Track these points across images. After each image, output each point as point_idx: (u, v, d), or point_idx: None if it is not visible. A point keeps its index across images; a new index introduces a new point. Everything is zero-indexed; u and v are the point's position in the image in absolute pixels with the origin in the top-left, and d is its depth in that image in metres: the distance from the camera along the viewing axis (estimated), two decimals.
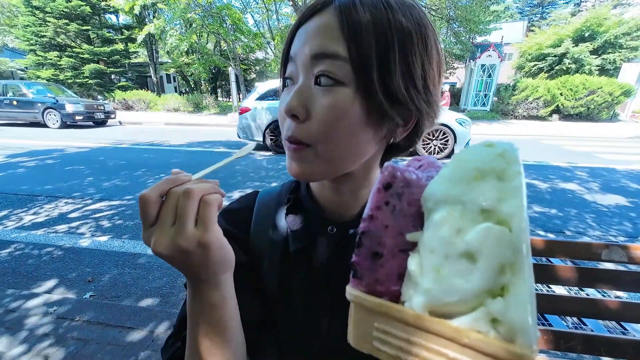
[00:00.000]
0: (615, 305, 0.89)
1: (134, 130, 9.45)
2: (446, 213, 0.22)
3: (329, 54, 0.34)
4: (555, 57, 14.04)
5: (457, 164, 0.22)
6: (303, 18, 0.37)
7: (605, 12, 13.75)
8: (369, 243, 0.23)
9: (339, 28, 0.33)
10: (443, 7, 11.10)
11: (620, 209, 3.51)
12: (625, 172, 5.09)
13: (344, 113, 0.35)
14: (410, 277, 0.23)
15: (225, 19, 12.46)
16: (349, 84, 0.34)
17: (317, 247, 0.46)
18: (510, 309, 0.19)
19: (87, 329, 1.66)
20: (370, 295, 0.23)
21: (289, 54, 0.39)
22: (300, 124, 0.36)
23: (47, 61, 15.93)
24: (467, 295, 0.21)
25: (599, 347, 0.85)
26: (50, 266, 2.34)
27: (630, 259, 0.83)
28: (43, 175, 4.61)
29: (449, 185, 0.22)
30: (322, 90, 0.35)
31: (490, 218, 0.20)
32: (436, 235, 0.22)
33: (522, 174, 0.20)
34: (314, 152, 0.37)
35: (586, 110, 12.10)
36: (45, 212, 3.32)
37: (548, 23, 22.32)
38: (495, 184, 0.20)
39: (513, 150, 0.20)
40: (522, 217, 0.19)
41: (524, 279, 0.19)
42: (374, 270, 0.23)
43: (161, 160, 5.64)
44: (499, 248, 0.20)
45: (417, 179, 0.23)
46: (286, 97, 0.38)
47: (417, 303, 0.22)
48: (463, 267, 0.21)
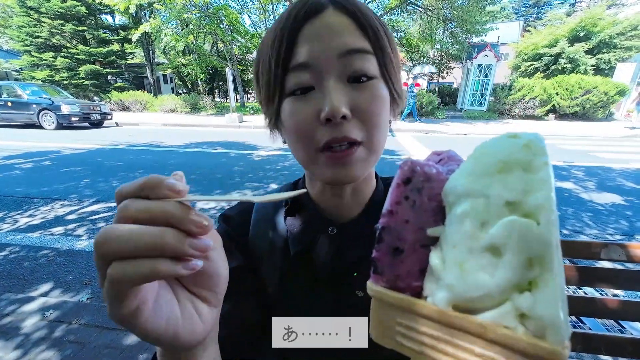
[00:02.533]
0: (614, 304, 0.89)
1: (130, 131, 9.38)
2: (469, 207, 0.21)
3: (359, 49, 0.36)
4: (551, 57, 14.15)
5: (480, 156, 0.21)
6: (304, 18, 0.36)
7: (600, 13, 13.89)
8: (389, 238, 0.23)
9: (356, 27, 0.36)
10: (439, 7, 11.15)
11: (616, 208, 3.54)
12: (621, 170, 5.14)
13: (385, 102, 0.38)
14: (432, 272, 0.22)
15: (222, 20, 12.41)
16: (377, 76, 0.37)
17: (317, 249, 0.45)
18: (539, 304, 0.19)
19: (84, 332, 1.64)
20: (392, 291, 0.23)
21: (292, 61, 0.36)
22: (347, 124, 0.36)
23: (42, 62, 15.78)
24: (493, 290, 0.20)
25: (599, 346, 0.85)
26: (46, 269, 2.31)
27: (629, 258, 0.83)
28: (39, 177, 4.56)
29: (472, 179, 0.21)
30: (360, 86, 0.36)
31: (516, 211, 0.20)
32: (459, 229, 0.21)
33: (550, 165, 0.19)
34: (364, 148, 0.38)
35: (582, 110, 12.20)
36: (41, 214, 3.28)
37: (544, 23, 22.52)
38: (520, 176, 0.20)
39: (539, 140, 0.20)
40: (551, 210, 0.19)
41: (553, 273, 0.19)
42: (394, 265, 0.23)
43: (159, 161, 5.60)
44: (526, 242, 0.19)
45: (437, 173, 0.22)
46: (305, 105, 0.36)
47: (440, 298, 0.21)
48: (488, 262, 0.21)
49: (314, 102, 0.36)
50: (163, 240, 0.19)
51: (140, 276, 0.19)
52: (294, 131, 0.38)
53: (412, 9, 11.77)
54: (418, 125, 10.15)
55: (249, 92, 19.13)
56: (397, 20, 12.95)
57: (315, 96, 0.36)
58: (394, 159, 5.73)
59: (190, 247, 0.20)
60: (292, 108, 0.37)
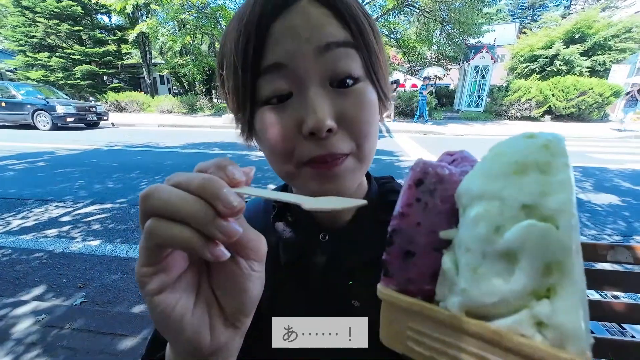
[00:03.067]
0: (620, 307, 0.89)
1: (127, 132, 9.32)
2: (483, 209, 0.20)
3: (340, 42, 0.31)
4: (546, 59, 14.27)
5: (495, 157, 0.21)
6: (273, 12, 0.31)
7: (595, 15, 14.04)
8: (400, 241, 0.22)
9: (334, 17, 0.32)
10: (436, 9, 11.21)
11: (613, 208, 3.56)
12: (617, 171, 5.18)
13: (374, 107, 0.35)
14: (445, 276, 0.21)
15: (220, 20, 12.39)
16: (363, 78, 0.34)
17: (309, 257, 0.43)
18: (558, 312, 0.18)
19: (77, 337, 1.61)
20: (403, 294, 0.22)
21: (263, 62, 0.31)
22: (333, 136, 0.32)
23: (37, 62, 15.64)
24: (509, 297, 0.19)
25: (607, 351, 0.84)
26: (39, 272, 2.27)
27: (636, 260, 0.82)
28: (32, 178, 4.50)
29: (486, 180, 0.20)
30: (345, 91, 0.33)
31: (533, 214, 0.19)
32: (472, 233, 0.20)
33: (570, 167, 0.18)
34: (354, 158, 0.35)
35: (577, 111, 12.31)
36: (35, 216, 3.24)
37: (539, 25, 22.74)
38: (538, 178, 0.19)
39: (559, 140, 0.19)
40: (571, 213, 0.18)
41: (573, 280, 0.18)
42: (405, 269, 0.22)
43: (155, 162, 5.56)
44: (544, 246, 0.18)
45: (450, 175, 0.22)
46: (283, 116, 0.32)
47: (453, 303, 0.21)
48: (503, 267, 0.20)
49: (294, 113, 0.32)
50: (191, 209, 0.19)
51: (168, 238, 0.20)
52: (272, 145, 0.34)
53: (410, 11, 11.83)
54: (415, 126, 10.17)
55: None
56: (395, 22, 12.99)
57: (294, 105, 0.32)
58: (392, 160, 5.73)
59: (216, 226, 0.19)
60: (268, 119, 0.33)
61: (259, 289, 0.25)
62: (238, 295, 0.24)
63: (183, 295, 0.23)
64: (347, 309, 0.40)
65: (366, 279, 0.33)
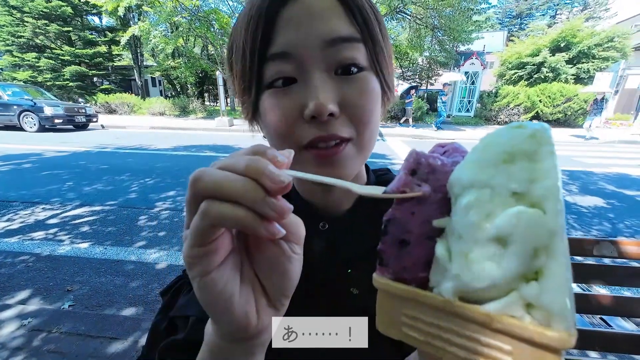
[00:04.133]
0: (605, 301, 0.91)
1: (117, 134, 9.17)
2: (474, 198, 0.21)
3: (347, 37, 0.32)
4: (534, 66, 14.65)
5: (484, 147, 0.21)
6: (274, 5, 0.32)
7: (579, 24, 14.50)
8: (394, 230, 0.22)
9: (343, 10, 0.32)
10: (428, 16, 11.43)
11: (599, 210, 3.66)
12: (602, 174, 5.34)
13: (376, 96, 0.35)
14: (438, 263, 0.22)
15: (213, 23, 12.36)
16: (369, 68, 0.34)
17: (310, 246, 0.43)
18: (546, 292, 0.19)
19: (65, 340, 1.57)
20: (398, 282, 0.23)
21: (270, 49, 0.32)
22: (335, 120, 0.33)
23: (24, 62, 15.31)
24: (499, 280, 0.20)
25: (593, 343, 0.86)
26: (24, 275, 2.21)
27: (620, 254, 0.85)
28: (18, 180, 4.38)
29: (476, 170, 0.21)
30: (349, 78, 0.33)
31: (522, 201, 0.20)
32: (464, 220, 0.21)
33: (555, 155, 0.19)
34: (354, 145, 0.35)
35: (564, 117, 12.67)
36: (20, 218, 3.15)
37: (526, 33, 23.38)
38: (526, 166, 0.20)
39: (545, 130, 0.20)
40: (557, 199, 0.19)
41: (560, 262, 0.19)
42: (400, 257, 0.23)
43: (146, 165, 5.48)
44: (533, 231, 0.19)
45: (442, 165, 0.23)
46: (286, 99, 0.33)
47: (446, 289, 0.21)
48: (494, 252, 0.21)
49: (297, 96, 0.33)
50: (243, 188, 0.20)
51: (224, 217, 0.20)
52: (273, 128, 0.35)
53: (402, 17, 12.03)
54: (408, 130, 10.31)
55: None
56: (387, 28, 13.17)
57: (298, 90, 0.33)
58: (385, 163, 5.78)
59: (267, 204, 0.20)
60: (272, 102, 0.34)
61: (298, 271, 0.25)
62: (280, 277, 0.24)
63: (230, 276, 0.23)
64: (346, 296, 0.40)
65: (365, 267, 0.33)
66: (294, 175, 0.22)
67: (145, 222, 3.15)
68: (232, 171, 0.20)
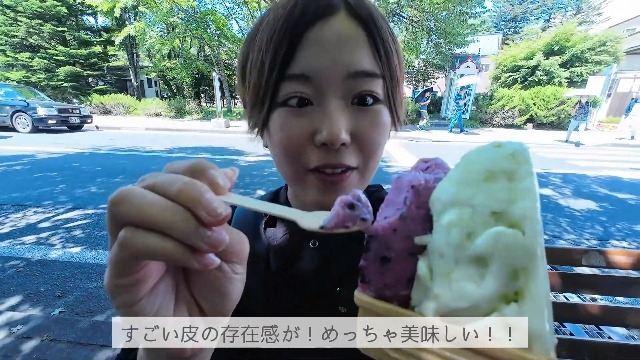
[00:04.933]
0: (595, 310, 0.91)
1: (112, 135, 9.09)
2: (455, 216, 0.21)
3: (371, 73, 0.33)
4: (528, 69, 14.81)
5: (466, 165, 0.21)
6: (311, 19, 0.31)
7: (572, 28, 14.70)
8: (376, 247, 0.22)
9: (369, 44, 0.33)
10: (424, 19, 11.54)
11: (591, 213, 3.70)
12: (595, 177, 5.40)
13: (386, 129, 0.37)
14: (420, 281, 0.22)
15: (210, 25, 12.36)
16: (384, 101, 0.35)
17: (300, 263, 0.43)
18: (525, 314, 0.19)
19: (54, 348, 1.54)
20: (379, 300, 0.23)
21: (290, 68, 0.32)
22: (346, 149, 0.34)
23: (17, 62, 15.13)
24: (480, 301, 0.20)
25: (583, 352, 0.86)
26: (14, 281, 2.17)
27: (608, 264, 0.86)
28: (10, 182, 4.32)
29: (458, 188, 0.21)
30: (364, 110, 0.34)
31: (502, 221, 0.20)
32: (446, 239, 0.21)
33: (534, 175, 0.19)
34: (358, 174, 0.36)
35: (557, 120, 12.83)
36: (11, 222, 3.10)
37: (521, 37, 23.65)
38: (505, 186, 0.20)
39: (523, 150, 0.20)
40: (536, 220, 0.19)
41: (538, 283, 0.19)
42: (382, 274, 0.22)
43: (141, 167, 5.44)
44: (512, 252, 0.19)
45: (425, 182, 0.22)
46: (299, 121, 0.33)
47: (427, 308, 0.21)
48: (474, 272, 0.21)
49: (310, 120, 0.33)
50: (172, 218, 0.17)
51: (147, 250, 0.17)
52: (282, 147, 0.35)
53: (398, 20, 12.12)
54: (403, 133, 10.33)
55: (236, 97, 19.01)
56: None
57: (312, 113, 0.33)
58: (381, 165, 5.76)
59: (200, 236, 0.17)
60: (284, 121, 0.34)
61: (240, 289, 0.24)
62: (219, 298, 0.23)
63: (163, 302, 0.21)
64: (334, 315, 0.40)
65: (354, 285, 0.33)
66: (233, 204, 0.20)
67: None
68: (162, 194, 0.18)
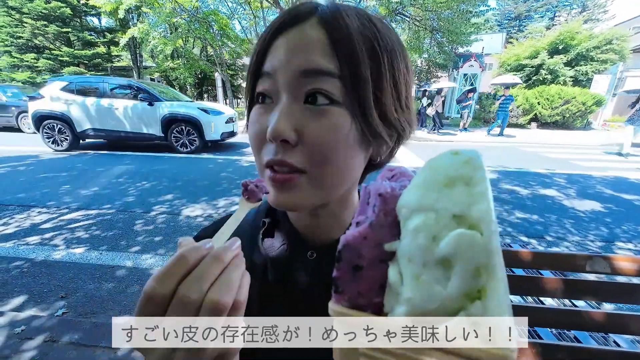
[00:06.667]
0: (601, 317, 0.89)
1: None
2: (421, 221, 0.22)
3: (322, 70, 0.32)
4: (532, 68, 14.70)
5: (428, 171, 0.22)
6: (281, 27, 0.34)
7: (577, 27, 14.55)
8: (348, 256, 0.23)
9: (329, 43, 0.32)
10: (427, 18, 11.48)
11: (596, 215, 3.66)
12: (600, 178, 5.33)
13: (343, 135, 0.33)
14: (391, 287, 0.23)
15: (212, 25, 12.41)
16: (344, 104, 0.33)
17: (297, 275, 0.43)
18: (488, 310, 0.20)
19: (57, 349, 1.56)
20: (353, 310, 0.23)
21: (262, 68, 0.35)
22: (292, 149, 0.33)
23: (23, 63, 15.33)
24: (447, 301, 0.21)
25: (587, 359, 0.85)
26: (18, 281, 2.20)
27: (613, 270, 0.84)
28: (15, 183, 4.39)
29: (422, 193, 0.22)
30: (317, 110, 0.33)
31: (463, 223, 0.21)
32: (413, 243, 0.22)
33: (487, 179, 0.21)
34: (308, 179, 0.34)
35: (562, 119, 12.69)
36: (16, 222, 3.15)
37: (525, 35, 23.43)
38: (464, 190, 0.21)
39: (477, 156, 0.21)
40: (492, 221, 0.20)
41: (498, 279, 0.20)
42: (355, 283, 0.23)
43: (144, 167, 5.49)
44: (472, 252, 0.20)
45: (391, 190, 0.23)
46: (263, 117, 0.35)
47: (400, 313, 0.22)
48: (441, 274, 0.21)
49: (268, 117, 0.35)
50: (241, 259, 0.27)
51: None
52: (251, 142, 0.38)
53: (401, 19, 12.08)
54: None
55: (238, 97, 19.10)
56: None
57: (271, 110, 0.35)
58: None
59: None
60: (253, 117, 0.37)
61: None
62: None
63: None
64: None
65: None
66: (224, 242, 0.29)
67: (142, 227, 3.15)
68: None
